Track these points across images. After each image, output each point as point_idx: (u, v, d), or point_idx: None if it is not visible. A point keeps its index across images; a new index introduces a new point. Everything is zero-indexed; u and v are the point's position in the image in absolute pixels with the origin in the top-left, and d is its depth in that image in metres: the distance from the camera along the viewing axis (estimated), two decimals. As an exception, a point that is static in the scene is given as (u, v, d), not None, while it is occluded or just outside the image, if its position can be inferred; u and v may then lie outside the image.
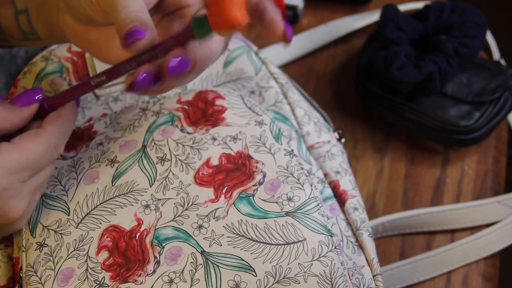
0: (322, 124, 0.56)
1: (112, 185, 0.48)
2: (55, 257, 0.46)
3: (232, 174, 0.48)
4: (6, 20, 0.50)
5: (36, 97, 0.45)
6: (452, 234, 0.63)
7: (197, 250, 0.45)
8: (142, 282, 0.44)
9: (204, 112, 0.51)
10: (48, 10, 0.47)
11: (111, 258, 0.45)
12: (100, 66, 0.54)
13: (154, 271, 0.45)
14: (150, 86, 0.41)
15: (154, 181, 0.48)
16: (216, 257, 0.45)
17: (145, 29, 0.40)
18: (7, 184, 0.42)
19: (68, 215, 0.47)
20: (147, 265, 0.45)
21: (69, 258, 0.46)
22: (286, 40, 0.41)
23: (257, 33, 0.77)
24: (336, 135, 0.56)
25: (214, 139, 0.49)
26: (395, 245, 0.63)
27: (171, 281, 0.44)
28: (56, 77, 0.55)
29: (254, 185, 0.47)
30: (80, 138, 0.51)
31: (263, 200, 0.47)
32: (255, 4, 0.41)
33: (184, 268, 0.45)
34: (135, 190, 0.48)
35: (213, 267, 0.44)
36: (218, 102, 0.51)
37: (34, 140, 0.43)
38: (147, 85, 0.41)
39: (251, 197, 0.47)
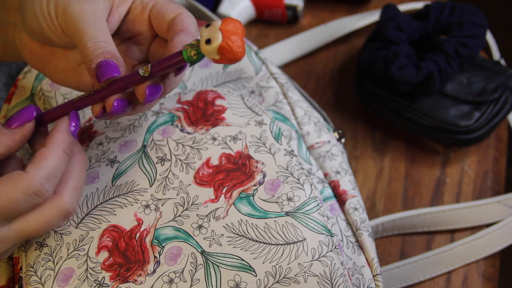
0: (322, 124, 0.56)
1: (112, 185, 0.48)
2: (55, 257, 0.46)
3: (232, 174, 0.48)
4: None
5: (29, 117, 0.43)
6: (452, 234, 0.63)
7: (197, 250, 0.45)
8: (142, 282, 0.44)
9: (204, 112, 0.51)
10: (5, 28, 0.47)
11: (111, 258, 0.45)
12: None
13: (154, 271, 0.45)
14: (123, 112, 0.43)
15: (154, 181, 0.48)
16: (216, 257, 0.45)
17: (117, 63, 0.41)
18: None
19: (68, 215, 0.47)
20: (147, 265, 0.45)
21: (69, 258, 0.46)
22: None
23: (257, 33, 0.77)
24: (336, 135, 0.56)
25: (214, 139, 0.49)
26: (395, 245, 0.63)
27: (171, 281, 0.44)
28: None
29: (254, 185, 0.47)
30: (80, 138, 0.51)
31: (263, 200, 0.47)
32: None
33: (184, 268, 0.45)
34: (135, 190, 0.48)
35: (213, 267, 0.44)
36: (218, 102, 0.51)
37: (10, 185, 0.40)
38: (120, 112, 0.43)
39: (251, 197, 0.47)
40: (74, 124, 0.43)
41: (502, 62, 0.69)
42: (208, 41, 0.39)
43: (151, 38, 0.46)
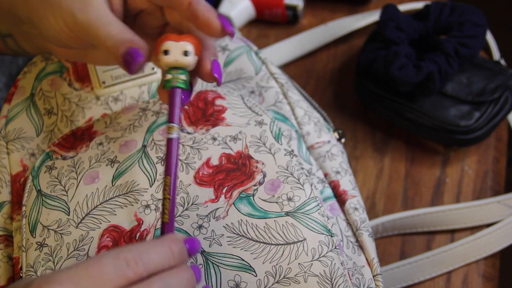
0: (322, 124, 0.56)
1: (112, 185, 0.48)
2: (55, 257, 0.46)
3: (232, 174, 0.48)
4: None
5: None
6: (452, 234, 0.63)
7: (197, 250, 0.45)
8: (142, 282, 0.44)
9: (204, 112, 0.51)
10: (31, 37, 0.48)
11: (111, 258, 0.45)
12: (100, 66, 0.54)
13: (154, 271, 0.45)
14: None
15: (154, 181, 0.48)
16: (216, 257, 0.45)
17: (138, 46, 0.42)
18: None
19: (68, 215, 0.47)
20: (147, 265, 0.45)
21: (69, 258, 0.46)
22: (225, 32, 0.43)
23: (257, 33, 0.77)
24: (336, 135, 0.56)
25: (214, 139, 0.49)
26: (395, 245, 0.63)
27: (171, 281, 0.44)
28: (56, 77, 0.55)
29: (254, 185, 0.47)
30: (80, 138, 0.51)
31: (263, 200, 0.47)
32: (187, 8, 0.43)
33: (184, 268, 0.44)
34: (135, 190, 0.48)
35: (213, 267, 0.44)
36: (218, 102, 0.51)
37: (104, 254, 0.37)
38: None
39: (251, 197, 0.47)
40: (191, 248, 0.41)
41: (502, 62, 0.69)
42: (186, 53, 0.42)
43: (157, 9, 0.47)
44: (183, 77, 0.42)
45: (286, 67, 0.74)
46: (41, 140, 0.53)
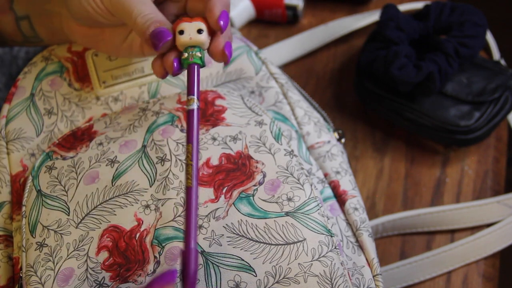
0: (322, 124, 0.56)
1: (112, 185, 0.48)
2: (55, 257, 0.46)
3: (232, 174, 0.48)
4: (6, 26, 0.51)
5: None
6: (452, 234, 0.63)
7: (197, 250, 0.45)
8: (142, 282, 0.44)
9: (204, 112, 0.51)
10: (50, 17, 0.49)
11: (111, 258, 0.45)
12: (101, 65, 0.54)
13: (154, 271, 0.45)
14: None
15: (154, 181, 0.48)
16: (216, 257, 0.45)
17: (167, 27, 0.44)
18: None
19: (68, 215, 0.47)
20: (147, 265, 0.45)
21: (69, 258, 0.46)
22: (217, 25, 0.45)
23: (257, 33, 0.77)
24: (336, 135, 0.57)
25: (214, 139, 0.49)
26: (395, 245, 0.63)
27: (171, 281, 0.44)
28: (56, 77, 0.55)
29: (254, 185, 0.47)
30: (80, 138, 0.51)
31: (263, 200, 0.47)
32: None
33: (184, 268, 0.44)
34: (135, 190, 0.48)
35: (213, 267, 0.44)
36: (218, 102, 0.51)
37: None
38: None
39: (251, 197, 0.47)
40: None
41: (502, 62, 0.69)
42: (200, 31, 0.45)
43: None
44: (198, 54, 0.45)
45: (286, 67, 0.74)
46: (41, 140, 0.53)
